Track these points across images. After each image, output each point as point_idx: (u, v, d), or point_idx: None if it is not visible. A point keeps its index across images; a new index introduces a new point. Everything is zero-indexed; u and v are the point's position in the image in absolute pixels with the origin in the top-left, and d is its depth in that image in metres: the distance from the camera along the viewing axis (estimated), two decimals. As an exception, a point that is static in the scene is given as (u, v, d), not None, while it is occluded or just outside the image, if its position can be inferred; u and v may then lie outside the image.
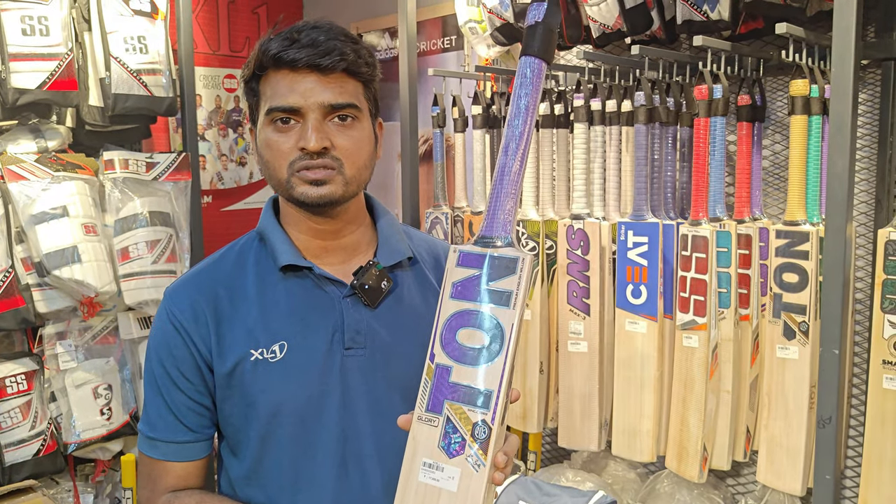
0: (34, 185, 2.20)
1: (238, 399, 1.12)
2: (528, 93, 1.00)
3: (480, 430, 0.91)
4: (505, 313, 0.94)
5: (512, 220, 0.99)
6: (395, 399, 1.14)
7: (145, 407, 1.18)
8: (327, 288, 1.14)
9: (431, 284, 1.22)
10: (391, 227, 1.22)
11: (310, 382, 1.11)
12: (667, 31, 1.95)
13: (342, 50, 1.07)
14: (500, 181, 0.99)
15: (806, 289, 1.69)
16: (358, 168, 1.11)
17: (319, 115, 1.07)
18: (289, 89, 1.06)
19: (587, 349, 2.03)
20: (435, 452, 0.92)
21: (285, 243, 1.15)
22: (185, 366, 1.13)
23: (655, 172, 1.95)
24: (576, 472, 2.17)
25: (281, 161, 1.08)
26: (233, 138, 3.48)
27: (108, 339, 2.41)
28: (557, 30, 1.03)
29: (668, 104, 1.93)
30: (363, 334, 1.13)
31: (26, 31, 2.20)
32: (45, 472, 2.27)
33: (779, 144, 2.00)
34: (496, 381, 0.92)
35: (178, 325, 1.13)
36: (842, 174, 1.50)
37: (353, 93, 1.09)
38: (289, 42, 1.07)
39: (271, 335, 1.11)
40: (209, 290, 1.14)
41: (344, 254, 1.18)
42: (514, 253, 0.96)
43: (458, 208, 2.44)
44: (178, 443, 1.15)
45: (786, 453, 1.74)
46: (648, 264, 1.90)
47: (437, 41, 3.06)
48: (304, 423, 1.11)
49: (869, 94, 1.83)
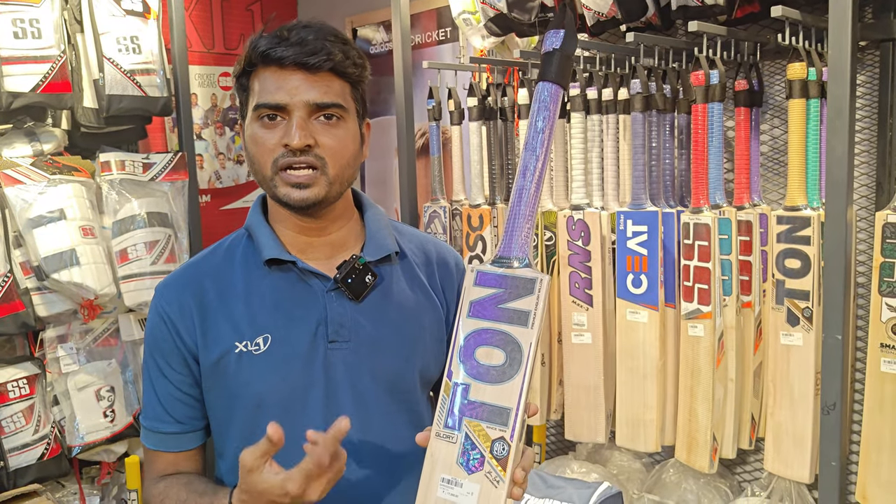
0: (31, 189, 2.19)
1: (222, 390, 1.15)
2: (546, 117, 1.03)
3: (499, 447, 0.93)
4: (523, 332, 0.96)
5: (529, 242, 1.02)
6: (380, 392, 1.16)
7: (143, 398, 1.23)
8: (311, 282, 1.16)
9: (419, 279, 1.23)
10: (378, 222, 1.23)
11: (293, 374, 1.13)
12: (662, 17, 1.92)
13: (330, 50, 1.08)
14: (518, 203, 1.02)
15: (808, 274, 1.67)
16: (341, 167, 1.11)
17: (304, 114, 1.08)
18: (276, 86, 1.08)
19: (591, 340, 2.02)
20: (454, 468, 0.94)
21: (270, 238, 1.16)
22: (172, 357, 1.16)
23: (654, 160, 1.94)
24: (580, 463, 2.16)
25: (266, 157, 1.10)
26: (230, 136, 3.47)
27: (109, 341, 2.41)
28: (573, 56, 1.05)
29: (664, 91, 1.91)
30: (347, 328, 1.15)
31: (18, 33, 2.19)
32: (51, 476, 2.27)
33: (777, 129, 1.98)
34: (514, 399, 0.94)
35: (165, 318, 1.16)
36: (841, 158, 1.49)
37: (340, 92, 1.11)
38: (278, 40, 1.08)
39: (256, 328, 1.13)
40: (196, 283, 1.17)
41: (330, 249, 1.19)
42: (531, 274, 0.98)
43: (457, 202, 2.42)
44: (166, 433, 1.19)
45: (793, 440, 1.73)
46: (648, 253, 1.89)
47: (431, 33, 3.04)
48: (287, 415, 1.11)
49: (868, 76, 1.81)
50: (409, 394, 1.19)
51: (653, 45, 1.89)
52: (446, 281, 1.26)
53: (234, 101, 3.46)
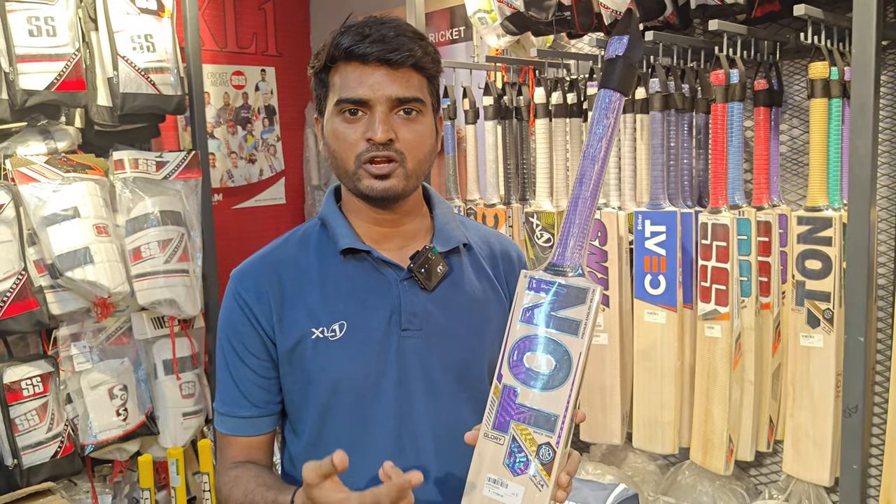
0: (45, 187, 2.19)
1: (299, 375, 1.17)
2: (606, 125, 1.02)
3: (545, 452, 0.94)
4: (573, 342, 0.96)
5: (584, 251, 1.02)
6: (450, 380, 1.19)
7: (217, 385, 1.24)
8: (385, 271, 1.18)
9: (485, 271, 1.26)
10: (447, 215, 1.26)
11: (367, 361, 1.16)
12: (680, 16, 1.91)
13: (410, 46, 1.11)
14: (574, 212, 1.02)
15: (829, 276, 1.66)
16: (419, 161, 1.14)
17: (386, 108, 1.11)
18: (358, 82, 1.11)
19: (608, 341, 2.01)
20: (500, 469, 0.96)
21: (346, 227, 1.19)
22: (249, 341, 1.19)
23: (672, 160, 1.92)
24: (595, 464, 2.15)
25: (348, 152, 1.12)
26: (242, 135, 3.46)
27: (122, 340, 2.40)
28: (638, 64, 1.03)
29: (683, 90, 1.90)
30: (419, 316, 1.17)
31: (33, 31, 2.19)
32: (64, 474, 2.27)
33: (797, 129, 1.96)
34: (562, 407, 0.95)
35: (242, 303, 1.19)
36: (864, 158, 1.47)
37: (419, 87, 1.13)
38: (360, 37, 1.11)
39: (332, 315, 1.16)
40: (273, 271, 1.20)
41: (402, 240, 1.22)
42: (584, 283, 0.98)
43: (471, 201, 2.41)
44: (242, 417, 1.21)
45: (812, 443, 1.71)
46: (667, 253, 1.87)
47: (445, 32, 3.03)
48: (361, 400, 1.15)
49: (890, 76, 1.79)
50: (477, 382, 1.21)
51: (671, 43, 1.88)
52: (510, 274, 1.29)
53: (247, 100, 3.45)
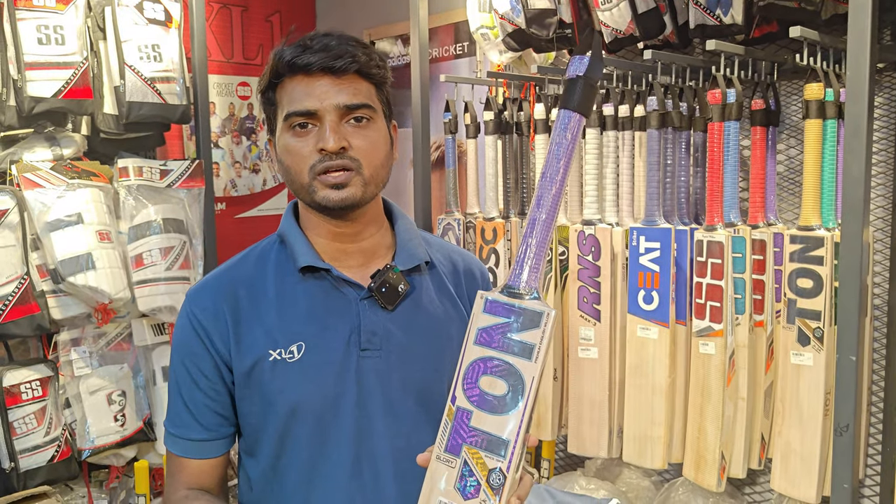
0: (49, 193, 2.21)
1: (257, 398, 1.15)
2: (564, 146, 1.00)
3: (496, 477, 0.93)
4: (527, 366, 0.95)
5: (540, 273, 1.00)
6: (410, 401, 1.16)
7: (168, 404, 1.21)
8: (345, 290, 1.16)
9: (448, 290, 1.24)
10: (409, 231, 1.24)
11: (326, 382, 1.13)
12: (679, 35, 1.94)
13: (353, 52, 1.09)
14: (530, 234, 1.00)
15: (820, 294, 1.67)
16: (375, 167, 1.12)
17: (336, 117, 1.09)
18: (304, 94, 1.09)
19: (597, 355, 2.01)
20: (451, 493, 0.95)
21: (305, 245, 1.17)
22: (203, 364, 1.16)
23: (668, 177, 1.94)
24: (589, 479, 2.15)
25: (301, 165, 1.10)
26: (246, 145, 3.49)
27: (122, 346, 2.42)
28: (599, 84, 1.01)
29: (681, 109, 1.92)
30: (379, 336, 1.15)
31: (42, 39, 2.22)
32: (60, 479, 2.27)
33: (793, 149, 1.98)
34: (514, 432, 0.93)
35: (197, 325, 1.15)
36: (858, 178, 1.48)
37: (367, 94, 1.12)
38: (301, 48, 1.09)
39: (290, 336, 1.14)
40: (229, 290, 1.17)
41: (362, 257, 1.19)
42: (539, 307, 0.96)
43: (471, 214, 2.43)
44: (193, 440, 1.18)
45: (800, 460, 1.71)
46: (660, 270, 1.89)
47: (449, 48, 3.06)
48: (320, 423, 1.13)
49: (885, 98, 1.81)
50: (437, 404, 1.16)
51: (670, 62, 1.90)
52: (473, 292, 1.25)
53: (252, 110, 3.49)
